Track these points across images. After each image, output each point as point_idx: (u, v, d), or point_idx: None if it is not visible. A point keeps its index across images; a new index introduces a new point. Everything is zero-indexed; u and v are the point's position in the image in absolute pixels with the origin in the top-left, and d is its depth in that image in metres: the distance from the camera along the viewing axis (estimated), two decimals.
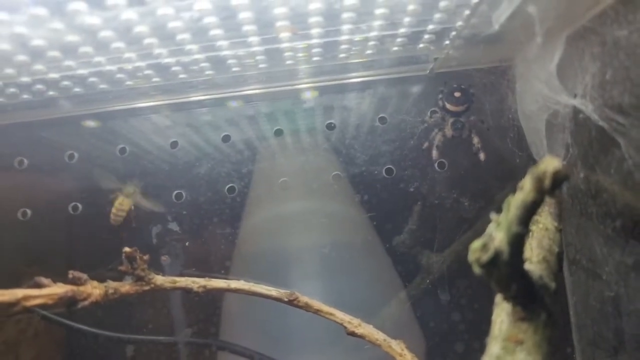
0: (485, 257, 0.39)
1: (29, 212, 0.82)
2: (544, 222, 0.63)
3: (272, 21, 0.57)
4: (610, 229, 0.60)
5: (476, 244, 0.39)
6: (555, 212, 0.66)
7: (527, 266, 0.54)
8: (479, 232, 0.81)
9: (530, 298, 0.45)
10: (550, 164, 0.36)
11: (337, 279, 0.81)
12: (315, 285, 0.80)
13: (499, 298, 0.46)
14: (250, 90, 0.81)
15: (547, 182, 0.36)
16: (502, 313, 0.47)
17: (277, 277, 0.80)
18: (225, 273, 0.80)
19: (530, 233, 0.61)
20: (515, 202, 0.38)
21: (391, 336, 0.66)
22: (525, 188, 0.37)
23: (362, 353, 0.71)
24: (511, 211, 0.38)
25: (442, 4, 0.58)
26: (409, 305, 0.81)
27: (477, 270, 0.39)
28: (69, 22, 0.52)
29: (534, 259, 0.57)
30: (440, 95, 0.79)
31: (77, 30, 0.54)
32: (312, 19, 0.58)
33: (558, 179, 0.36)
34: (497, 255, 0.38)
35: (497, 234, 0.39)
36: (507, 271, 0.40)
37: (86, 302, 0.64)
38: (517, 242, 0.38)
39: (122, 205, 0.80)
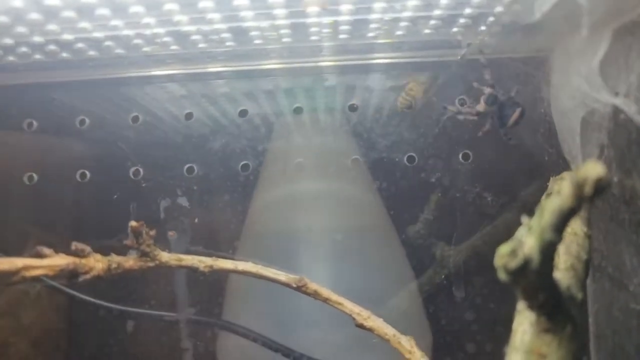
0: (513, 264, 0.36)
1: (35, 176, 0.80)
2: (573, 226, 0.60)
3: None
4: None
5: (504, 249, 0.36)
6: (585, 216, 0.63)
7: (554, 274, 0.51)
8: (500, 229, 0.79)
9: (556, 308, 0.43)
10: (592, 169, 0.33)
11: (348, 265, 0.79)
12: (325, 270, 0.78)
13: (521, 305, 0.44)
14: (271, 65, 0.77)
15: (588, 189, 0.33)
16: (524, 322, 0.45)
17: (286, 259, 0.77)
18: (233, 253, 0.78)
19: None
20: (551, 207, 0.35)
21: (400, 330, 0.64)
22: (564, 193, 0.34)
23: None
24: (545, 217, 0.35)
25: None
26: (420, 298, 0.79)
27: (502, 276, 0.36)
28: None
29: (561, 265, 0.54)
30: (488, 90, 0.74)
31: None
32: None
33: (600, 187, 0.33)
34: (526, 263, 0.35)
35: (527, 239, 0.36)
36: (536, 279, 0.37)
37: (88, 276, 0.62)
38: (549, 250, 0.36)
39: (411, 90, 0.78)
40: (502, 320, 0.71)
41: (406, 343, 0.65)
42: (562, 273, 0.53)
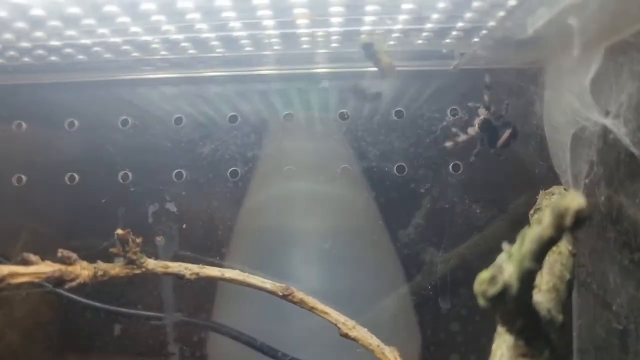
0: (492, 291, 0.36)
1: (24, 178, 0.79)
2: (558, 244, 0.59)
3: (289, 7, 0.53)
4: (628, 259, 0.56)
5: (484, 275, 0.36)
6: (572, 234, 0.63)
7: (535, 296, 0.51)
8: (488, 239, 0.78)
9: (535, 333, 0.43)
10: (573, 200, 0.33)
11: (337, 271, 0.79)
12: (312, 279, 0.78)
13: (501, 328, 0.44)
14: (262, 71, 0.76)
15: (568, 220, 0.33)
16: (502, 345, 0.45)
17: (273, 265, 0.78)
18: (220, 259, 0.78)
19: None
20: (531, 235, 0.35)
21: (387, 337, 0.64)
22: (544, 223, 0.35)
23: None
24: (525, 245, 0.36)
25: (475, 4, 0.54)
26: (408, 303, 0.79)
27: (482, 302, 0.36)
28: None
29: (543, 286, 0.54)
30: (483, 113, 0.73)
31: (79, 3, 0.51)
32: (333, 9, 0.54)
33: (580, 218, 0.33)
34: (505, 290, 0.36)
35: (507, 266, 0.36)
36: (514, 306, 0.38)
37: (74, 283, 0.62)
38: (528, 277, 0.36)
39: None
40: (485, 332, 0.72)
41: (390, 354, 0.65)
42: (544, 294, 0.53)
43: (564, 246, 0.61)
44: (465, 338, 0.77)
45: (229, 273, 0.67)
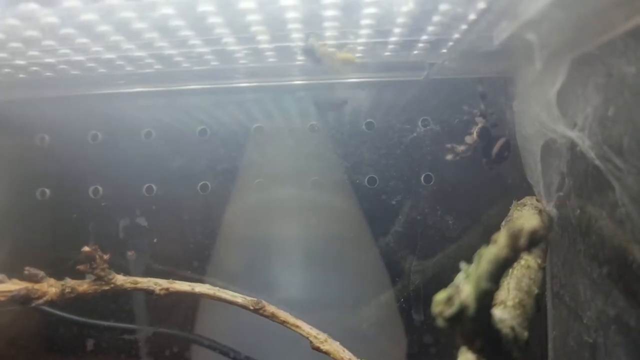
0: (449, 312, 0.36)
1: None
2: (527, 258, 0.59)
3: (247, 25, 0.53)
4: (596, 273, 0.56)
5: (440, 296, 0.36)
6: (541, 247, 0.62)
7: (500, 312, 0.51)
8: (463, 248, 0.78)
9: (496, 352, 0.42)
10: (528, 222, 0.34)
11: (307, 293, 0.79)
12: (285, 300, 0.78)
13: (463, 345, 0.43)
14: (233, 84, 0.75)
15: (523, 241, 0.34)
16: None
17: (245, 277, 0.78)
18: (192, 272, 0.78)
19: (510, 271, 0.57)
20: (488, 256, 0.35)
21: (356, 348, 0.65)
22: (500, 243, 0.34)
23: None
24: (482, 265, 0.35)
25: (435, 18, 0.53)
26: (381, 313, 0.79)
27: (440, 323, 0.36)
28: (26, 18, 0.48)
29: (509, 302, 0.53)
30: (481, 121, 0.72)
31: (35, 27, 0.51)
32: (290, 26, 0.54)
33: (534, 239, 0.33)
34: (462, 310, 0.35)
35: (464, 286, 0.36)
36: (473, 326, 0.37)
37: (41, 301, 0.62)
38: (485, 298, 0.36)
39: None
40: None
41: None
42: (509, 311, 0.52)
43: (532, 260, 0.60)
44: (437, 350, 0.76)
45: (199, 287, 0.67)
